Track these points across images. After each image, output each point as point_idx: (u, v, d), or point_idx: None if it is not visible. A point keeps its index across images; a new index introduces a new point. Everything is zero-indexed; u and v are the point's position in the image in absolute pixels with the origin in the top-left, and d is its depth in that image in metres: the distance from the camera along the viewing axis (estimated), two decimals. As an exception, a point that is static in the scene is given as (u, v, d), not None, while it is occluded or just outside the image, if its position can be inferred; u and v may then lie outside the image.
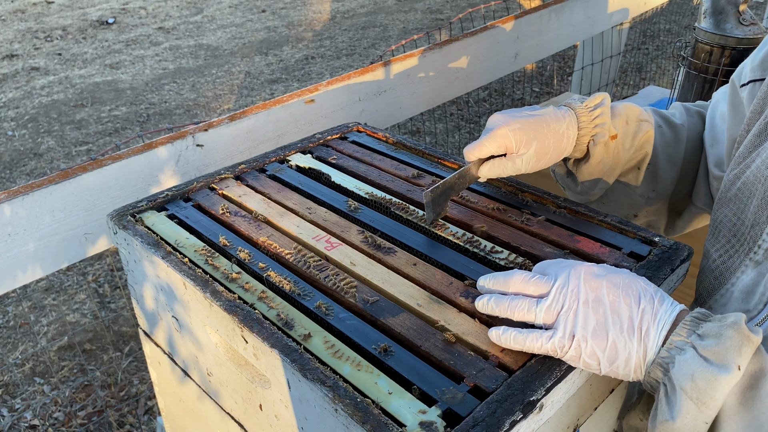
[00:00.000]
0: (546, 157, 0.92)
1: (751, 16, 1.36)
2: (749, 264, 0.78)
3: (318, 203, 1.02)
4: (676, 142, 1.03)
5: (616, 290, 0.66)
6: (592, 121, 0.94)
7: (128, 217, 0.97)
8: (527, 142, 0.89)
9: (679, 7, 5.82)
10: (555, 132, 0.91)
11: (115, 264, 2.80)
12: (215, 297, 0.78)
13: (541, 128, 0.90)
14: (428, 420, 0.62)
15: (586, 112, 0.94)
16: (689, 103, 1.09)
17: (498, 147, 0.90)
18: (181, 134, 1.30)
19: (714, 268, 0.85)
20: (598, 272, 0.68)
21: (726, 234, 0.83)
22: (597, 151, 0.95)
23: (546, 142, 0.91)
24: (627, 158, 1.00)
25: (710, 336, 0.61)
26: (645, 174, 1.03)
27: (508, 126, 0.89)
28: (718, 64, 1.35)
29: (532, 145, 0.90)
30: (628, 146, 0.99)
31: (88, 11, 6.85)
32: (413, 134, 3.87)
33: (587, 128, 0.94)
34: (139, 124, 4.26)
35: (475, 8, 2.36)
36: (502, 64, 1.98)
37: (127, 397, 2.18)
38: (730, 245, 0.82)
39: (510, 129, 0.89)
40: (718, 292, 0.83)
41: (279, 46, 5.61)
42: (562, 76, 4.70)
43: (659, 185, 1.04)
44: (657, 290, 0.67)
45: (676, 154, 1.03)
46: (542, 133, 0.90)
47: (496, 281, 0.73)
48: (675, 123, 1.04)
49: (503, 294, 0.72)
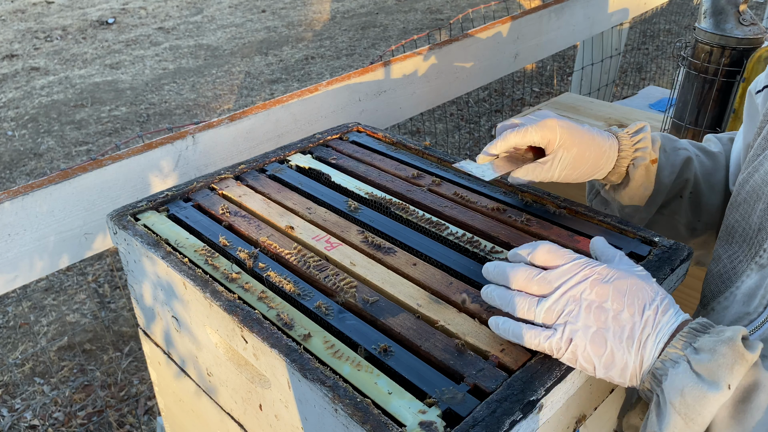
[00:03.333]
0: (582, 168, 0.90)
1: (751, 16, 1.36)
2: (754, 267, 0.78)
3: (318, 203, 1.02)
4: (716, 169, 1.02)
5: (622, 299, 0.65)
6: (633, 146, 0.93)
7: (128, 217, 0.97)
8: (570, 145, 0.88)
9: (679, 7, 5.82)
10: (598, 146, 0.90)
11: (115, 264, 2.80)
12: (215, 297, 0.78)
13: (586, 137, 0.89)
14: (428, 420, 0.62)
15: (627, 137, 0.94)
16: (720, 134, 1.09)
17: (542, 138, 0.87)
18: (180, 134, 1.30)
19: (723, 271, 0.84)
20: (606, 276, 0.66)
21: (737, 239, 0.83)
22: (638, 174, 0.94)
23: (586, 153, 0.89)
24: (668, 186, 0.98)
25: (705, 350, 0.61)
26: (688, 203, 1.01)
27: (558, 120, 0.87)
28: (718, 64, 1.35)
29: (573, 150, 0.88)
30: (668, 173, 0.97)
31: (88, 11, 6.85)
32: (413, 134, 3.87)
33: (627, 152, 0.93)
34: (139, 124, 4.26)
35: (475, 8, 2.36)
36: (502, 64, 1.98)
37: (127, 397, 2.18)
38: (740, 249, 0.82)
39: (559, 123, 0.87)
40: (723, 294, 0.83)
41: (279, 46, 5.61)
42: (562, 76, 4.70)
43: (704, 214, 1.02)
44: (664, 297, 0.66)
45: (717, 181, 1.01)
46: (585, 142, 0.89)
47: (499, 273, 0.71)
48: (711, 151, 1.03)
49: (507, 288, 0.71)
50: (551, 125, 0.87)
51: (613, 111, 1.66)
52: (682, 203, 1.01)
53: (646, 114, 1.67)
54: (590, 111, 1.65)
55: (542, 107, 1.71)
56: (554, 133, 0.87)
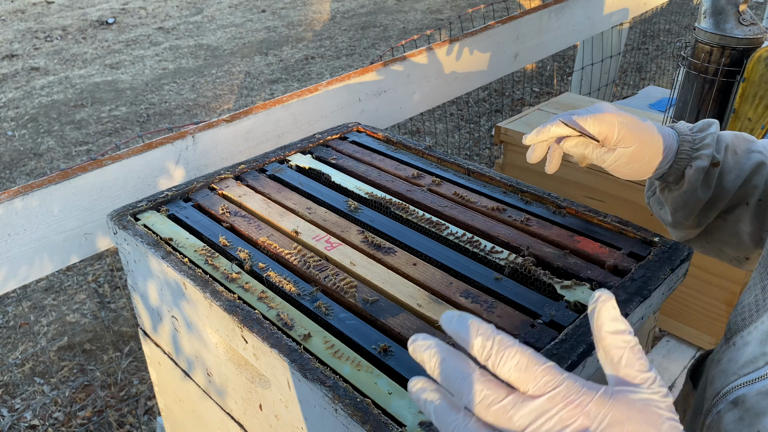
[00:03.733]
0: (637, 164, 0.85)
1: (751, 16, 1.36)
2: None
3: (318, 203, 1.02)
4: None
5: None
6: (695, 146, 0.86)
7: (128, 217, 0.97)
8: (629, 140, 0.82)
9: (679, 7, 5.82)
10: (657, 143, 0.84)
11: (115, 264, 2.80)
12: (215, 297, 0.78)
13: (646, 134, 0.84)
14: (428, 420, 0.62)
15: (690, 135, 0.87)
16: None
17: (598, 131, 0.82)
18: (181, 134, 1.30)
19: (753, 303, 0.74)
20: (599, 420, 0.41)
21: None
22: (693, 177, 0.86)
23: (644, 150, 0.84)
24: (731, 191, 0.88)
25: None
26: (754, 212, 0.90)
27: (617, 115, 0.83)
28: (718, 64, 1.35)
29: (632, 145, 0.83)
30: (734, 177, 0.88)
31: (88, 11, 6.85)
32: (413, 134, 3.87)
33: (688, 152, 0.86)
34: (139, 124, 4.26)
35: (475, 8, 2.36)
36: (502, 64, 1.98)
37: (127, 397, 2.18)
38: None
39: (618, 118, 0.82)
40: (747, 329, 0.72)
41: (279, 46, 5.61)
42: (562, 76, 4.70)
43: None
44: None
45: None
46: (645, 139, 0.84)
47: (452, 329, 0.45)
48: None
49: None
50: (610, 120, 0.82)
51: (613, 111, 1.66)
52: (748, 210, 0.90)
53: (646, 114, 1.67)
54: (590, 111, 1.65)
55: (542, 107, 1.71)
56: (612, 129, 0.82)
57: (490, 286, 0.81)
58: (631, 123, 0.83)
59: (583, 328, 0.72)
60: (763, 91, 1.31)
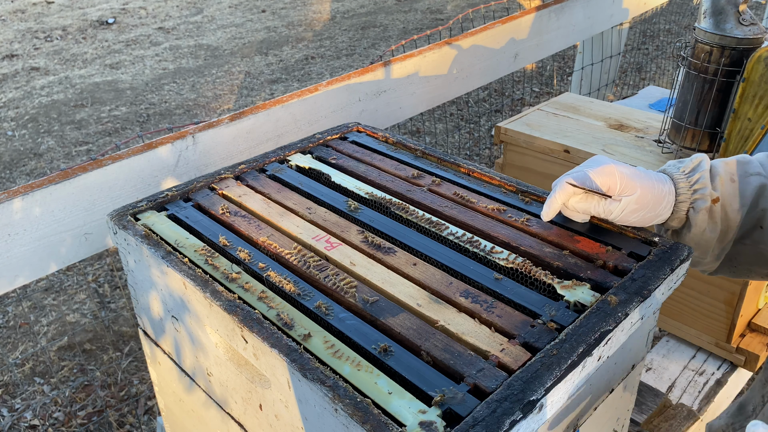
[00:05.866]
0: (642, 211, 0.87)
1: (751, 16, 1.36)
2: None
3: (318, 203, 1.02)
4: None
5: None
6: (691, 188, 0.88)
7: (128, 217, 0.97)
8: (632, 187, 0.85)
9: (679, 7, 5.83)
10: (658, 190, 0.87)
11: (115, 264, 2.80)
12: (215, 297, 0.78)
13: (645, 180, 0.86)
14: (428, 420, 0.62)
15: (684, 178, 0.88)
16: None
17: (602, 183, 0.85)
18: (181, 134, 1.30)
19: None
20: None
21: None
22: (699, 220, 0.88)
23: (647, 196, 0.86)
24: (738, 220, 0.89)
25: None
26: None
27: (616, 165, 0.85)
28: (717, 64, 1.35)
29: (635, 192, 0.85)
30: (738, 206, 0.88)
31: (88, 11, 6.85)
32: (413, 134, 3.87)
33: (686, 194, 0.88)
34: (139, 124, 4.26)
35: (475, 8, 2.36)
36: (502, 64, 1.98)
37: (127, 397, 2.18)
38: None
39: (618, 169, 0.85)
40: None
41: (279, 46, 5.61)
42: (562, 76, 4.70)
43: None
44: None
45: None
46: (645, 184, 0.86)
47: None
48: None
49: None
50: (610, 171, 0.85)
51: (613, 111, 1.65)
52: (764, 234, 0.90)
53: (645, 114, 1.67)
54: (590, 111, 1.65)
55: (542, 107, 1.71)
56: (614, 179, 0.85)
57: (490, 285, 0.81)
58: (630, 171, 0.86)
59: (583, 328, 0.72)
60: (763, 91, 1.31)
